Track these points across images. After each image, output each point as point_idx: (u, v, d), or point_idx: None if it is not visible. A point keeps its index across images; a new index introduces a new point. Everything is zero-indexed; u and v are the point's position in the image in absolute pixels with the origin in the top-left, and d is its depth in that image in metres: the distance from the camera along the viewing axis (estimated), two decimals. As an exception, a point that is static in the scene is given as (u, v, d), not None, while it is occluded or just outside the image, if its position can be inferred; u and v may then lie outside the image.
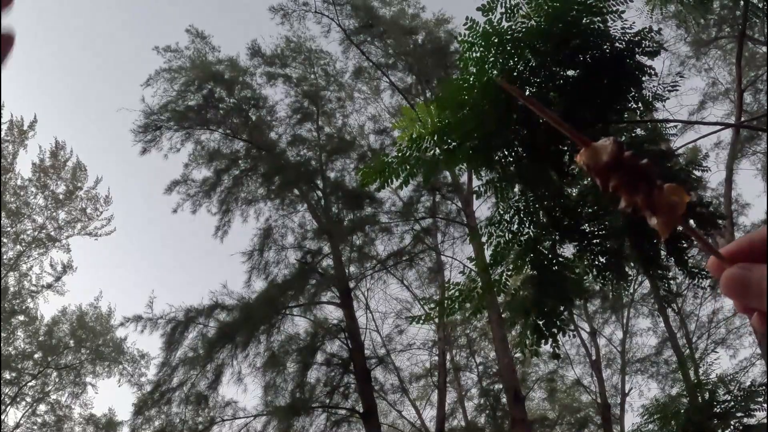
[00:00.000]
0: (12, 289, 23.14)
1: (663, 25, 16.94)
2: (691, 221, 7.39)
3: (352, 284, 18.67)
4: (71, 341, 24.88)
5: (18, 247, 22.86)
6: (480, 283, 7.49)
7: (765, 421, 11.42)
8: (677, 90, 7.56)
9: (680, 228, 0.66)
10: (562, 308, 7.03)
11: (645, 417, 12.49)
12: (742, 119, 10.98)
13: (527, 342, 6.99)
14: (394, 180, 6.99)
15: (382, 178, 6.93)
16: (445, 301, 7.66)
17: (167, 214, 27.83)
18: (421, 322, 8.45)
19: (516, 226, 7.14)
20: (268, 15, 20.08)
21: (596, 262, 7.31)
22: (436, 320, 8.39)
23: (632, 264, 8.03)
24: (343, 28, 19.69)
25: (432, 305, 7.90)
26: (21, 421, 23.28)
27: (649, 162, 0.64)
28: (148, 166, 58.14)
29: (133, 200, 43.53)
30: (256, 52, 20.90)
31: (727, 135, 19.96)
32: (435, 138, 6.74)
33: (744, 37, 11.92)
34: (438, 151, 6.95)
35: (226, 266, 36.44)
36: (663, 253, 7.34)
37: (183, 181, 19.95)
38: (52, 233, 23.49)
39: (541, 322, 6.85)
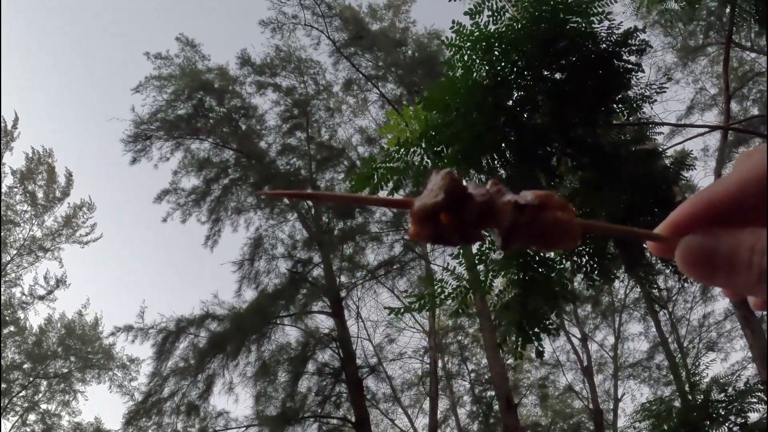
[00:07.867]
0: (3, 298, 22.88)
1: (650, 33, 17.08)
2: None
3: (342, 293, 18.60)
4: (60, 350, 24.62)
5: (7, 257, 22.60)
6: (465, 281, 7.49)
7: (759, 420, 11.45)
8: (665, 91, 7.62)
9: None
10: (546, 309, 7.03)
11: (637, 415, 12.54)
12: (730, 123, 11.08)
13: (508, 340, 7.00)
14: (384, 186, 7.01)
15: (373, 184, 6.94)
16: (430, 292, 7.63)
17: (157, 224, 27.72)
18: (401, 313, 8.35)
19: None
20: (259, 25, 20.12)
21: (581, 263, 7.33)
22: (419, 312, 8.30)
23: (617, 264, 8.04)
24: (332, 41, 19.73)
25: (413, 299, 7.84)
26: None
27: (495, 179, 0.52)
28: (138, 175, 57.95)
29: (122, 209, 43.39)
30: (245, 61, 20.89)
31: (714, 142, 20.14)
32: (423, 142, 6.75)
33: (731, 42, 12.05)
34: (426, 156, 6.96)
35: (217, 276, 36.31)
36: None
37: (173, 190, 19.87)
38: (40, 240, 23.26)
39: (525, 322, 6.86)
